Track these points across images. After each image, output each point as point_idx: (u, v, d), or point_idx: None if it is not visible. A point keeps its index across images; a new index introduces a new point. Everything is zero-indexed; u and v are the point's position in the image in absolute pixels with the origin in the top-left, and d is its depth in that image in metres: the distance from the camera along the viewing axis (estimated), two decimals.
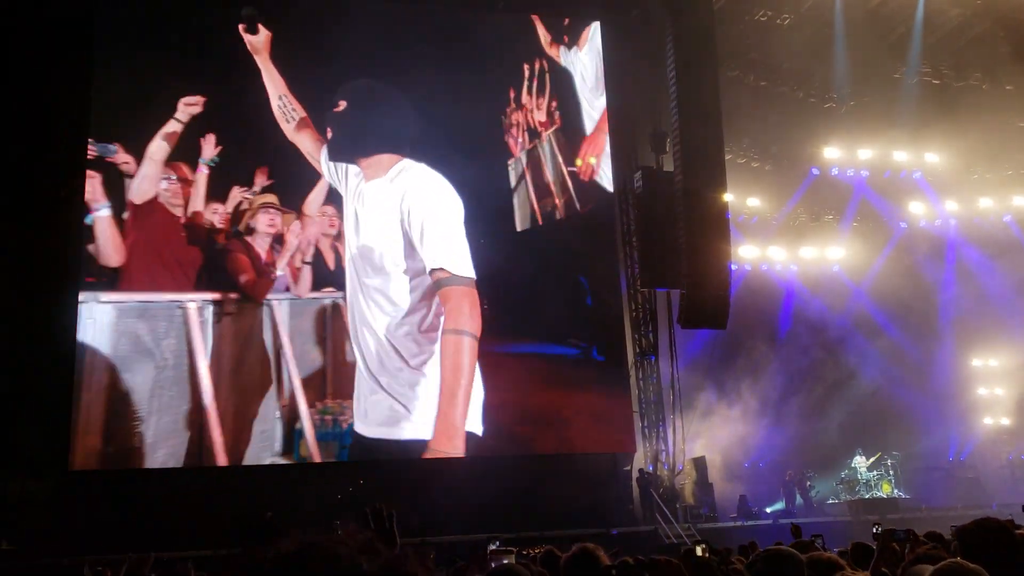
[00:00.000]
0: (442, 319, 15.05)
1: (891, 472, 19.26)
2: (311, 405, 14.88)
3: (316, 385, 15.04)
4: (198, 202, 14.95)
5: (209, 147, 15.03)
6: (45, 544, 12.43)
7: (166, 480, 14.22)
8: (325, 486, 15.09)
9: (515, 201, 16.92)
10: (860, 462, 19.43)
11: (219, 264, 14.95)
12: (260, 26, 15.21)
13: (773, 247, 22.56)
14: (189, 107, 14.95)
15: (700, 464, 17.73)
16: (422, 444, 14.79)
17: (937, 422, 21.34)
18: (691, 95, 16.04)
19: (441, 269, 14.94)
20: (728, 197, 16.76)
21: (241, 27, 15.26)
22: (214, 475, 14.44)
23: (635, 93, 18.61)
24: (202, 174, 14.98)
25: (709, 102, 16.07)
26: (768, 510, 18.94)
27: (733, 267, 16.98)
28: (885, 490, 18.97)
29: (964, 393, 22.32)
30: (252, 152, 15.52)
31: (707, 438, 18.75)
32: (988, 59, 20.13)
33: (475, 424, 15.43)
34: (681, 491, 17.29)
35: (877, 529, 5.62)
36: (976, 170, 22.60)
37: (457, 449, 14.94)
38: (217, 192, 15.12)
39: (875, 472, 19.20)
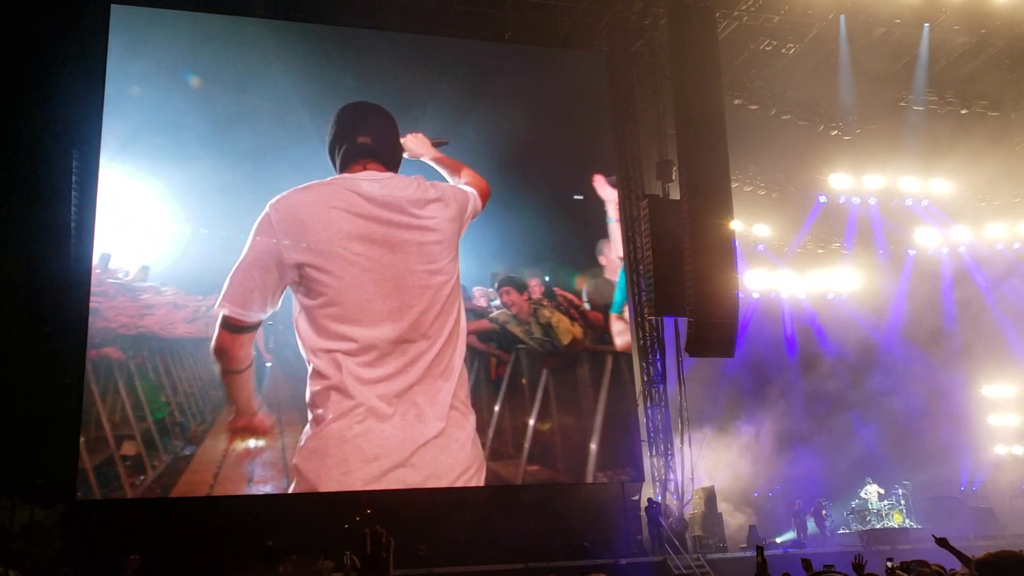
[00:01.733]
0: None
1: (902, 502, 19.06)
2: None
3: None
4: None
5: None
6: (53, 573, 12.37)
7: (174, 509, 14.18)
8: (333, 514, 15.02)
9: None
10: (871, 491, 19.24)
11: None
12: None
13: (780, 274, 22.55)
14: None
15: (709, 494, 17.58)
16: None
17: (949, 451, 21.15)
18: (696, 124, 16.14)
19: None
20: (735, 225, 16.79)
21: None
22: (221, 504, 14.39)
23: (641, 122, 18.71)
24: None
25: (715, 130, 16.17)
26: (778, 540, 18.75)
27: (740, 295, 16.94)
28: (896, 520, 18.75)
29: (976, 421, 22.14)
30: None
31: (716, 468, 18.62)
32: (994, 86, 20.22)
33: (484, 454, 15.39)
34: (690, 521, 17.14)
35: (891, 563, 5.51)
36: (984, 197, 22.60)
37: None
38: None
39: (886, 502, 19.01)
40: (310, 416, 13.96)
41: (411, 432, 14.30)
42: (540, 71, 17.90)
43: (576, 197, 17.46)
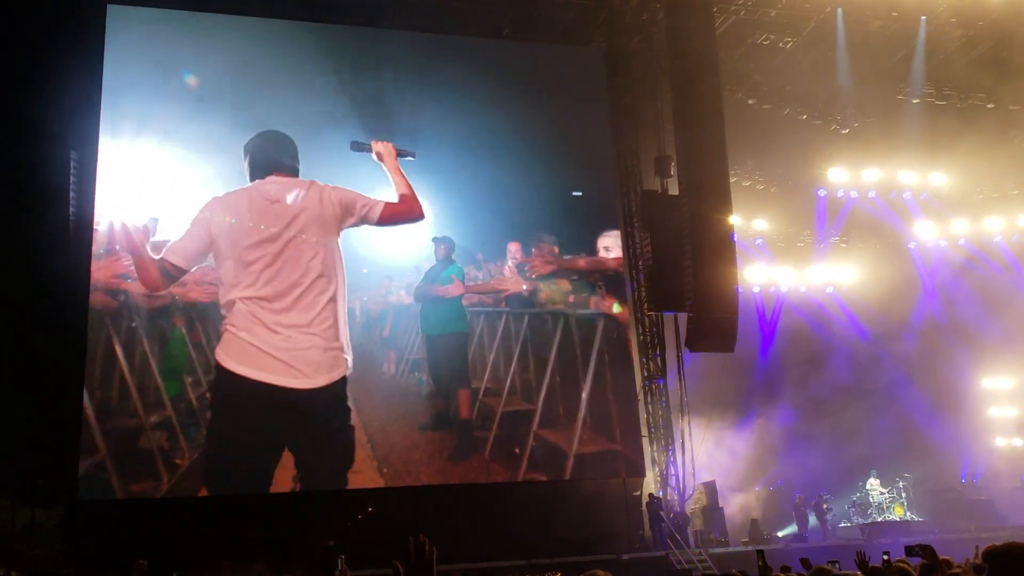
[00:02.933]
0: None
1: (903, 495, 19.09)
2: None
3: None
4: None
5: None
6: (54, 574, 12.38)
7: (175, 509, 14.18)
8: (334, 512, 15.05)
9: None
10: (874, 484, 19.27)
11: None
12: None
13: (780, 269, 22.57)
14: None
15: (710, 488, 17.62)
16: None
17: (949, 443, 21.18)
18: (695, 118, 16.14)
19: None
20: (734, 219, 16.79)
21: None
22: (223, 503, 14.39)
23: (639, 118, 18.70)
24: None
25: (713, 125, 16.16)
26: (779, 534, 18.78)
27: (740, 289, 16.95)
28: (897, 513, 18.79)
29: (976, 414, 22.17)
30: None
31: (717, 462, 18.65)
32: (991, 79, 20.20)
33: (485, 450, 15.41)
34: (692, 516, 17.16)
35: (886, 556, 5.50)
36: (982, 189, 22.61)
37: None
38: None
39: (887, 495, 19.04)
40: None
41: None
42: (538, 67, 17.87)
43: (575, 193, 17.47)
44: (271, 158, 13.55)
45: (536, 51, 18.10)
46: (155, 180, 15.00)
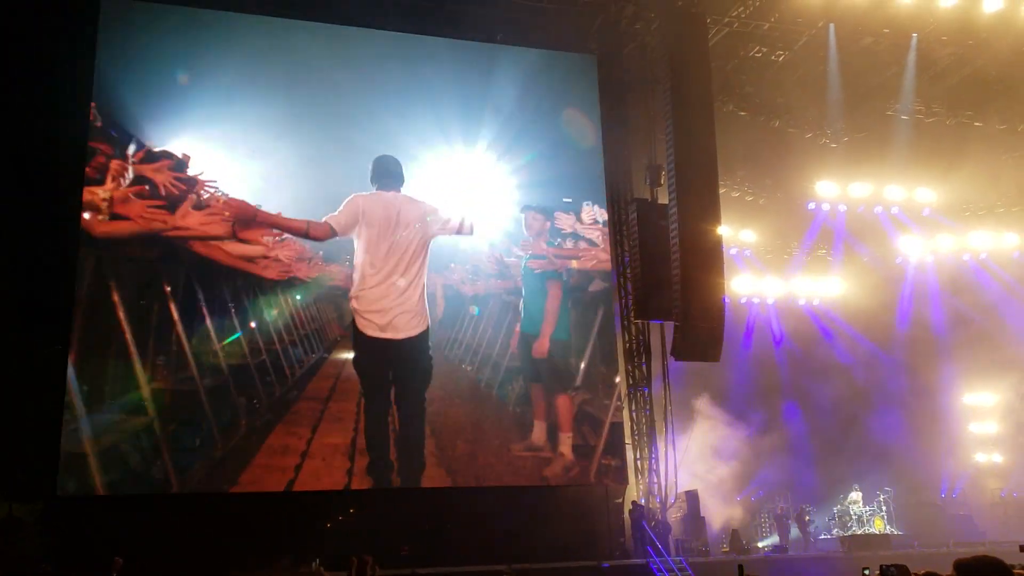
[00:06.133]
0: None
1: (883, 508, 19.18)
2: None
3: None
4: None
5: None
6: (33, 570, 12.28)
7: (154, 506, 14.10)
8: (317, 515, 15.00)
9: None
10: (855, 497, 19.34)
11: None
12: None
13: (766, 280, 22.67)
14: None
15: (692, 497, 17.63)
16: None
17: (930, 458, 21.30)
18: (686, 128, 16.18)
19: None
20: (722, 230, 16.85)
21: None
22: (198, 502, 14.31)
23: (630, 126, 18.75)
24: None
25: (704, 135, 16.21)
26: (760, 545, 18.82)
27: (726, 300, 17.01)
28: (877, 526, 18.87)
29: (956, 429, 22.32)
30: None
31: (700, 471, 18.67)
32: (980, 97, 20.38)
33: (466, 455, 15.41)
34: (673, 524, 17.18)
35: (867, 571, 5.52)
36: (968, 206, 22.79)
37: None
38: None
39: (868, 508, 19.12)
40: None
41: None
42: (531, 72, 17.88)
43: (565, 200, 17.50)
44: (393, 174, 16.31)
45: (530, 56, 18.09)
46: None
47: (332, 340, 15.87)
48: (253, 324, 15.29)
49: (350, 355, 15.68)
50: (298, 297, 15.74)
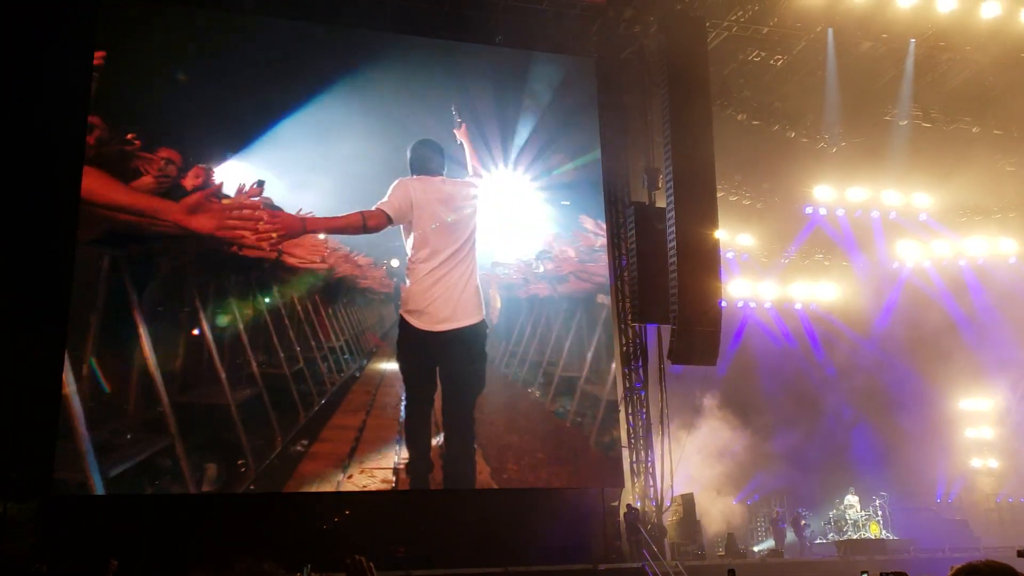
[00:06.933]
0: None
1: (879, 513, 19.18)
2: None
3: None
4: None
5: None
6: (27, 569, 12.24)
7: (149, 505, 14.07)
8: (312, 516, 14.96)
9: None
10: (852, 502, 19.34)
11: None
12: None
13: (764, 284, 22.69)
14: None
15: (688, 501, 17.62)
16: None
17: (925, 463, 21.31)
18: (684, 132, 16.20)
19: None
20: (719, 234, 16.87)
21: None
22: (198, 502, 14.29)
23: (628, 129, 18.76)
24: None
25: (702, 139, 16.23)
26: (756, 549, 18.82)
27: (723, 304, 17.02)
28: (873, 531, 18.87)
29: (953, 435, 22.33)
30: None
31: (695, 474, 18.67)
32: (978, 103, 20.42)
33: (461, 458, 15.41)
34: (669, 528, 17.17)
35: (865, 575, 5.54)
36: (965, 211, 22.82)
37: None
38: None
39: (864, 512, 19.12)
40: None
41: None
42: (530, 75, 17.90)
43: (563, 203, 17.51)
44: (436, 157, 16.16)
45: (528, 59, 18.10)
46: None
47: (369, 350, 15.68)
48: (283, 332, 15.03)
49: (389, 365, 15.35)
50: (336, 302, 15.50)
